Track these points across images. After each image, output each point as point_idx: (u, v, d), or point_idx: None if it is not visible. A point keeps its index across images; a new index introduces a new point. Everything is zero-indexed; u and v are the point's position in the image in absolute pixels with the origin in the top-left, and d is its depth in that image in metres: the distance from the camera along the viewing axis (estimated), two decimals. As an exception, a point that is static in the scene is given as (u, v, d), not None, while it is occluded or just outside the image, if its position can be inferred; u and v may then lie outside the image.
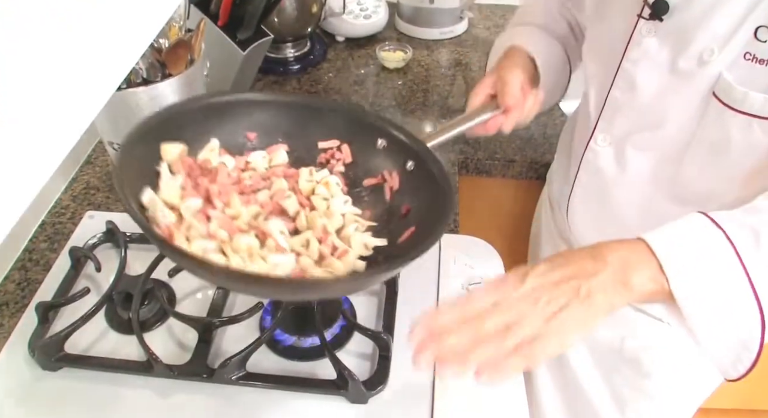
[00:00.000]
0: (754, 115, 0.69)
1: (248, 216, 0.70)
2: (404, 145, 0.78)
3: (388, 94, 1.36)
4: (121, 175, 0.63)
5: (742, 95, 0.69)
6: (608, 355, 1.03)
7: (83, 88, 0.40)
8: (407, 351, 0.79)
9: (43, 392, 0.77)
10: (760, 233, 0.58)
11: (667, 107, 0.77)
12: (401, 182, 0.78)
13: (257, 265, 0.64)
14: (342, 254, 0.69)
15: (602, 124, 0.86)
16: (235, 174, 0.75)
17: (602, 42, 0.85)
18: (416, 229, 0.73)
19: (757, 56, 0.68)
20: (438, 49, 1.53)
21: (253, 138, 0.81)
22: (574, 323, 0.55)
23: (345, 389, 0.75)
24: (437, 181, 0.73)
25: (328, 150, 0.82)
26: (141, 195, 0.66)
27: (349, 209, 0.77)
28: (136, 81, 0.94)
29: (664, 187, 0.83)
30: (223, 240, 0.65)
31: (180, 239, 0.64)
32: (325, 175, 0.79)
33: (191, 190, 0.70)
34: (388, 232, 0.75)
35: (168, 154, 0.72)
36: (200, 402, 0.76)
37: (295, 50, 1.45)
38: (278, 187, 0.75)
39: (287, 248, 0.68)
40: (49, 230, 1.03)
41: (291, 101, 0.82)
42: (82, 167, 1.15)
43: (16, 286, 0.93)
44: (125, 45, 0.45)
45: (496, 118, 0.84)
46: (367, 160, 0.81)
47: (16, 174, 0.35)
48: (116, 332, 0.83)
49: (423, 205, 0.74)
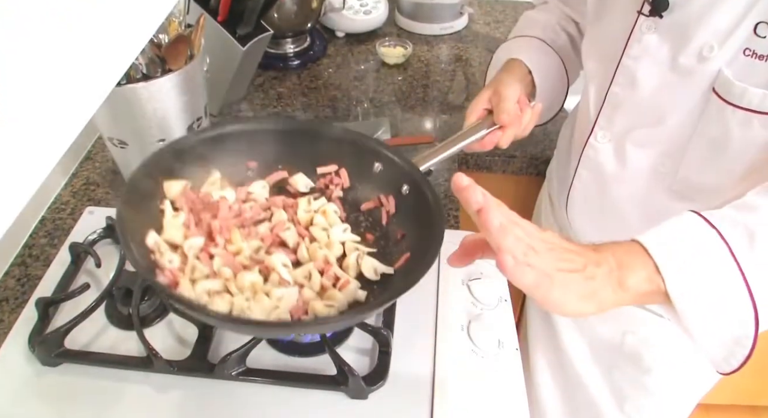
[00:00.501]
0: (754, 111, 0.70)
1: (250, 251, 0.72)
2: (400, 169, 0.79)
3: (388, 89, 1.36)
4: (123, 223, 0.66)
5: (741, 91, 0.69)
6: (608, 351, 1.03)
7: (83, 83, 0.40)
8: (407, 347, 0.80)
9: (43, 387, 0.77)
10: (754, 233, 0.58)
11: (667, 103, 0.78)
12: (397, 207, 0.80)
13: (262, 301, 0.66)
14: (343, 285, 0.71)
15: (602, 120, 0.86)
16: (236, 207, 0.77)
17: (602, 39, 0.85)
18: (410, 255, 0.75)
19: (757, 52, 0.68)
20: (438, 44, 1.53)
21: (253, 166, 0.84)
22: (576, 289, 0.54)
23: (345, 384, 0.75)
24: (430, 207, 0.74)
25: (327, 175, 0.84)
26: (146, 239, 0.68)
27: (349, 236, 0.79)
28: (136, 77, 0.93)
29: (664, 183, 0.83)
30: (227, 278, 0.67)
31: (185, 283, 0.66)
32: (323, 203, 0.81)
33: (194, 229, 0.72)
34: (384, 256, 0.77)
35: (171, 191, 0.75)
36: (200, 398, 0.76)
37: (295, 46, 1.45)
38: (278, 218, 0.77)
39: (290, 281, 0.70)
40: (49, 225, 1.03)
41: (289, 128, 0.84)
42: (82, 163, 1.15)
43: (16, 281, 0.93)
44: (124, 40, 0.45)
45: (493, 133, 0.84)
46: (365, 184, 0.83)
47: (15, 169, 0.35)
48: (116, 328, 0.83)
49: (416, 232, 0.76)
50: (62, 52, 0.37)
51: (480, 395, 0.77)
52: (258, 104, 1.30)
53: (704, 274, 0.57)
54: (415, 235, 0.76)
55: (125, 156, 1.02)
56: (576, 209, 0.97)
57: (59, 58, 0.37)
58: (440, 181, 1.12)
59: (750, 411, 1.75)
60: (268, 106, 1.30)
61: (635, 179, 0.86)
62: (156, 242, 0.70)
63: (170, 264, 0.68)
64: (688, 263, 0.57)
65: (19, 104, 0.34)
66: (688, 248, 0.58)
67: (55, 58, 0.37)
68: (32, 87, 0.35)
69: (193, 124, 1.00)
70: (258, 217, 0.78)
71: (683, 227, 0.59)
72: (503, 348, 0.82)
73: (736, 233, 0.58)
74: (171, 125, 0.97)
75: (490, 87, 0.88)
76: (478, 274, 0.90)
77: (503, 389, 0.78)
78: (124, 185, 0.71)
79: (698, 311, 0.57)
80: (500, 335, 0.83)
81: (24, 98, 0.34)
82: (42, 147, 0.37)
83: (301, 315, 0.68)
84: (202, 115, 1.02)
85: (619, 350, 1.01)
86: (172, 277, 0.67)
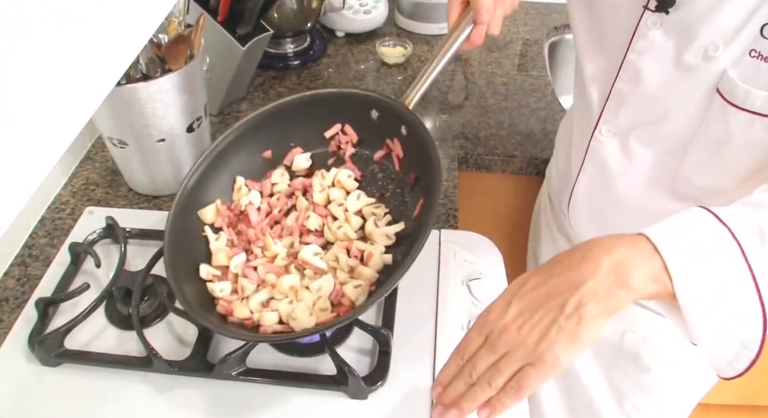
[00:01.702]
0: (757, 113, 0.69)
1: (285, 250, 0.78)
2: (394, 110, 0.81)
3: (388, 89, 1.36)
4: (173, 269, 0.73)
5: (744, 93, 0.69)
6: (608, 350, 1.03)
7: (82, 83, 0.40)
8: (407, 347, 0.80)
9: (43, 387, 0.77)
10: (764, 231, 0.55)
11: (671, 101, 0.77)
12: (403, 149, 0.82)
13: (304, 298, 0.73)
14: (367, 259, 0.75)
15: (607, 115, 0.86)
16: (264, 206, 0.84)
17: (606, 33, 0.84)
18: (424, 200, 0.77)
19: (763, 54, 0.67)
20: (438, 44, 1.53)
21: (269, 155, 0.88)
22: (565, 341, 0.53)
23: (345, 384, 0.75)
24: (428, 147, 0.76)
25: (335, 136, 0.87)
26: (199, 272, 0.77)
27: (363, 201, 0.82)
28: (136, 76, 0.93)
29: (666, 182, 0.83)
30: (273, 284, 0.75)
31: (239, 307, 0.74)
32: (334, 173, 0.84)
33: (237, 243, 0.81)
34: (403, 207, 0.80)
35: (206, 217, 0.83)
36: (200, 398, 0.76)
37: (295, 46, 1.44)
38: (300, 206, 0.83)
39: (324, 267, 0.75)
40: (48, 225, 1.03)
41: (281, 107, 0.87)
42: (82, 163, 1.15)
43: (16, 281, 0.93)
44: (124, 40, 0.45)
45: (477, 29, 0.80)
46: (370, 135, 0.85)
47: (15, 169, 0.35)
48: (116, 328, 0.83)
49: (426, 173, 0.76)
50: (62, 52, 0.37)
51: (480, 395, 0.77)
52: (258, 104, 1.30)
53: (714, 274, 0.54)
54: (425, 176, 0.77)
55: (125, 156, 1.02)
56: (578, 207, 0.97)
57: (59, 57, 0.37)
58: (440, 181, 1.12)
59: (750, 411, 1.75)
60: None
61: (638, 177, 0.85)
62: (208, 272, 0.78)
63: (222, 293, 0.76)
64: (697, 262, 0.54)
65: (19, 104, 0.34)
66: (698, 246, 0.55)
67: (55, 57, 0.37)
68: (32, 87, 0.35)
69: (192, 123, 1.00)
70: (286, 208, 0.84)
71: (692, 222, 0.56)
72: (503, 348, 0.82)
73: (747, 232, 0.55)
74: (171, 125, 0.97)
75: None
76: (478, 274, 0.90)
77: (503, 388, 0.78)
78: (165, 234, 0.77)
79: (706, 313, 0.55)
80: (500, 334, 0.83)
81: (24, 98, 0.34)
82: (42, 147, 0.37)
83: (340, 299, 0.73)
84: (201, 115, 1.02)
85: (618, 349, 1.01)
86: (227, 304, 0.75)
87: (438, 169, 0.73)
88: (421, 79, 0.82)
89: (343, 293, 0.73)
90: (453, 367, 0.58)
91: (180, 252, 0.76)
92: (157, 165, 1.02)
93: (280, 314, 0.73)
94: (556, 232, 1.08)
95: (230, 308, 0.74)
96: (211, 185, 0.84)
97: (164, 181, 1.05)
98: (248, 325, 0.73)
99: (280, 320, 0.73)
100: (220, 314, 0.74)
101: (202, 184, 0.83)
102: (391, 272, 0.74)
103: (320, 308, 0.72)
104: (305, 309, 0.71)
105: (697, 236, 0.55)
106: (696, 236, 0.55)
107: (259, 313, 0.73)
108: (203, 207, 0.83)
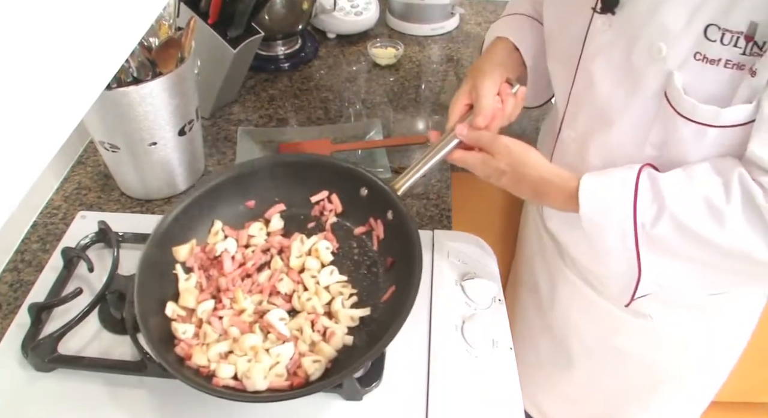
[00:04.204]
0: (707, 124, 0.69)
1: (252, 308, 0.78)
2: (384, 194, 0.83)
3: (380, 90, 1.36)
4: (141, 302, 0.72)
5: (690, 106, 0.68)
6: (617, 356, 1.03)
7: (71, 86, 0.40)
8: (401, 347, 0.80)
9: (36, 393, 0.77)
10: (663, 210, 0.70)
11: (621, 105, 0.76)
12: (385, 232, 0.84)
13: (262, 360, 0.72)
14: (329, 337, 0.75)
15: (567, 119, 0.87)
16: (239, 256, 0.83)
17: (563, 38, 0.84)
18: (396, 289, 0.79)
19: (707, 56, 0.66)
20: (429, 45, 1.53)
21: (252, 205, 0.89)
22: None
23: (339, 386, 0.75)
24: (412, 237, 0.77)
25: (320, 202, 0.89)
26: (165, 310, 0.76)
27: (335, 278, 0.82)
28: (127, 80, 0.93)
29: None
30: (235, 337, 0.75)
31: (198, 353, 0.73)
32: (314, 241, 0.85)
33: (206, 287, 0.80)
34: (374, 288, 0.81)
35: (180, 255, 0.82)
36: (195, 401, 0.76)
37: (286, 48, 1.44)
38: (275, 267, 0.83)
39: (287, 335, 0.75)
40: (41, 230, 1.02)
41: (278, 162, 0.89)
42: (74, 167, 1.15)
43: (9, 287, 0.93)
44: (113, 43, 0.45)
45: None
46: (354, 209, 0.87)
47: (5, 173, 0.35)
48: (109, 332, 0.83)
49: (402, 261, 0.79)
50: (50, 55, 0.37)
51: (474, 395, 0.77)
52: (249, 107, 1.30)
53: (609, 218, 0.73)
54: (401, 264, 0.79)
55: (117, 160, 1.01)
56: (550, 209, 0.97)
57: (47, 60, 0.37)
58: (432, 182, 1.12)
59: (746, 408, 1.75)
60: (259, 108, 1.29)
61: None
62: (173, 311, 0.77)
63: (184, 335, 0.75)
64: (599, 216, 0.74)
65: (8, 107, 0.34)
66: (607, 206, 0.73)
67: (44, 60, 0.37)
68: (21, 90, 0.35)
69: (184, 127, 1.00)
70: (260, 262, 0.84)
71: (617, 184, 0.73)
72: (497, 348, 0.82)
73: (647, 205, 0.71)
74: (162, 128, 0.97)
75: (470, 80, 0.86)
76: (472, 274, 0.90)
77: (498, 388, 0.78)
78: (138, 264, 0.76)
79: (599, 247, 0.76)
80: (494, 334, 0.83)
81: (12, 101, 0.34)
82: (31, 151, 0.37)
83: (296, 369, 0.73)
84: (193, 118, 1.02)
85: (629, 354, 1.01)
86: (187, 348, 0.73)
87: (419, 265, 0.74)
88: (412, 170, 0.83)
89: (300, 365, 0.73)
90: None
91: (151, 285, 0.75)
92: (149, 169, 1.02)
93: (237, 369, 0.72)
94: (541, 229, 1.08)
95: (190, 353, 0.73)
96: (191, 224, 0.83)
97: (156, 185, 1.05)
98: (203, 373, 0.72)
99: (235, 374, 0.72)
100: (178, 356, 0.73)
101: (183, 221, 0.82)
102: (349, 354, 0.74)
103: (275, 374, 0.71)
104: (261, 371, 0.71)
105: (611, 198, 0.73)
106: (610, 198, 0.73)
107: (217, 363, 0.72)
108: (180, 244, 0.82)
